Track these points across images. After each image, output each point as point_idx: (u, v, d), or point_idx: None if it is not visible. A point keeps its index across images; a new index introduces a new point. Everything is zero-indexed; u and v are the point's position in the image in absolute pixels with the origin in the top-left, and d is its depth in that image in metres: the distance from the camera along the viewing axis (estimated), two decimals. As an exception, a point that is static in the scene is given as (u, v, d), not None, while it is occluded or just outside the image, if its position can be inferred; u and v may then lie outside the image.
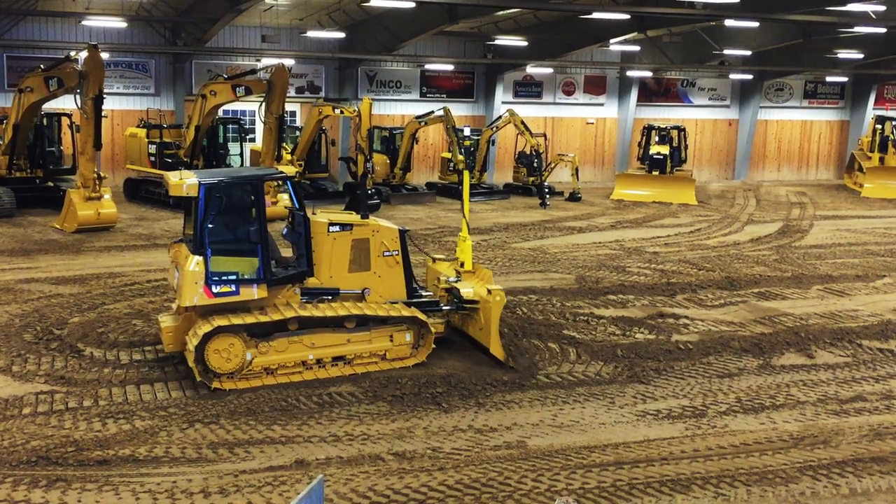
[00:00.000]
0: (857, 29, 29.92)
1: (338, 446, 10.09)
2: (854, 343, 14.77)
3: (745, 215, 30.08)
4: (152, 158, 27.58)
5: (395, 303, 12.86)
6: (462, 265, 14.11)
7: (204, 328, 11.55)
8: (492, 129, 32.60)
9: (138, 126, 28.82)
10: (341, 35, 31.55)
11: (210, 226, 11.79)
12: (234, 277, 11.82)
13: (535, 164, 32.41)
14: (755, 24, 30.38)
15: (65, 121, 26.71)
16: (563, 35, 33.86)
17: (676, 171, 34.88)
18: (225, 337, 11.71)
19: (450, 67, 36.43)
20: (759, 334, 14.98)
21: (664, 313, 16.12)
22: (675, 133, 35.40)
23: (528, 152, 33.09)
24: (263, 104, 24.69)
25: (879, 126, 38.58)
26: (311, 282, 12.53)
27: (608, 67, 39.12)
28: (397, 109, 36.18)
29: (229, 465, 9.50)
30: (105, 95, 22.36)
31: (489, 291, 12.99)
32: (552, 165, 33.35)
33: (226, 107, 27.94)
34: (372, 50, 33.28)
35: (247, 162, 29.72)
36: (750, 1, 25.48)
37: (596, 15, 26.93)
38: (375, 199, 28.03)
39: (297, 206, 12.64)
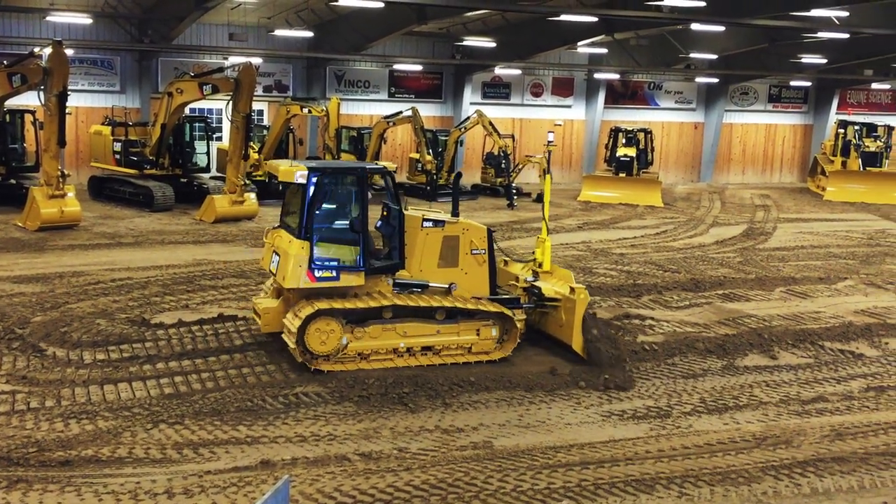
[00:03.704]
0: (821, 34, 30.32)
1: (304, 447, 10.05)
2: (816, 344, 14.97)
3: (710, 217, 30.37)
4: (117, 156, 27.32)
5: (480, 299, 13.21)
6: (540, 265, 14.50)
7: (307, 310, 12.11)
8: (460, 129, 32.63)
9: (103, 123, 28.53)
10: (309, 34, 31.46)
11: (316, 213, 12.35)
12: (335, 264, 12.39)
13: (503, 166, 32.47)
14: (721, 28, 30.68)
15: (28, 118, 26.40)
16: (531, 37, 33.98)
17: (643, 173, 35.11)
18: (325, 320, 12.25)
19: (418, 68, 36.44)
20: (723, 335, 15.12)
21: (630, 314, 16.23)
22: (641, 135, 35.65)
23: (496, 153, 33.17)
24: (231, 103, 24.55)
25: (842, 130, 39.08)
26: (402, 274, 12.95)
27: (576, 69, 39.32)
28: (365, 109, 36.12)
29: (194, 466, 9.43)
30: (69, 92, 22.17)
31: (572, 290, 13.40)
32: (520, 167, 33.44)
33: (192, 105, 27.73)
34: (340, 49, 33.19)
35: (213, 161, 29.47)
36: (716, 5, 25.72)
37: (564, 17, 27.04)
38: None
39: (393, 200, 13.05)
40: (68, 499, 8.58)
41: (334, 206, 12.93)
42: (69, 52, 23.02)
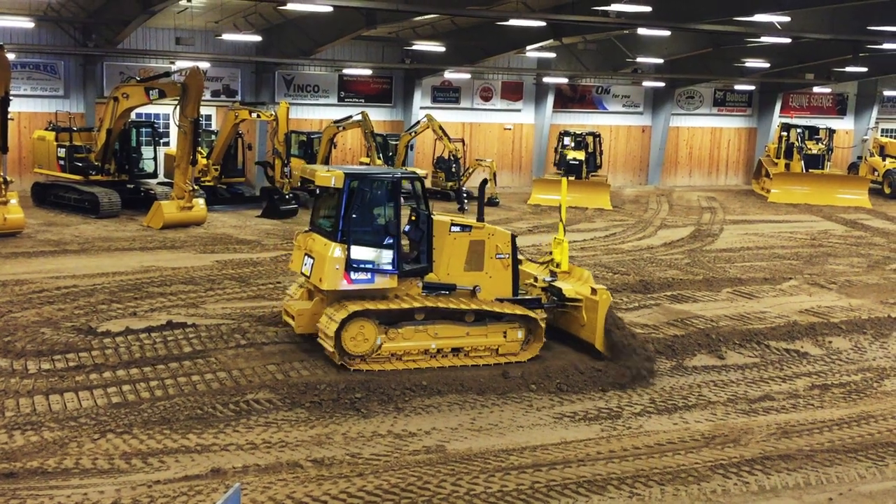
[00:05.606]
0: (764, 39, 30.85)
1: (255, 454, 9.97)
2: (762, 344, 15.23)
3: (658, 220, 30.72)
4: (62, 162, 26.85)
5: (504, 300, 13.51)
6: (558, 265, 14.94)
7: (342, 312, 12.48)
8: (410, 133, 32.63)
9: (47, 129, 28.04)
10: (258, 38, 31.19)
11: (353, 216, 12.87)
12: (370, 266, 12.88)
13: (454, 170, 32.55)
14: (667, 33, 31.08)
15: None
16: (480, 41, 34.09)
17: (592, 176, 35.43)
18: (360, 321, 12.69)
19: (368, 72, 36.35)
20: (672, 336, 15.31)
21: (580, 317, 16.32)
22: (590, 139, 35.99)
23: (447, 157, 33.24)
24: (178, 108, 24.28)
25: (785, 133, 39.83)
26: (429, 277, 13.29)
27: (525, 74, 39.53)
28: (315, 114, 35.93)
29: (143, 476, 9.31)
30: (11, 97, 21.79)
31: (593, 290, 13.78)
32: (470, 170, 33.54)
33: (139, 110, 27.37)
34: (289, 54, 32.98)
35: (160, 167, 29.09)
36: (662, 10, 26.04)
37: (512, 22, 27.15)
38: (293, 203, 27.87)
39: (423, 205, 13.45)
40: (13, 512, 8.42)
41: (369, 210, 13.45)
42: (11, 56, 22.59)
